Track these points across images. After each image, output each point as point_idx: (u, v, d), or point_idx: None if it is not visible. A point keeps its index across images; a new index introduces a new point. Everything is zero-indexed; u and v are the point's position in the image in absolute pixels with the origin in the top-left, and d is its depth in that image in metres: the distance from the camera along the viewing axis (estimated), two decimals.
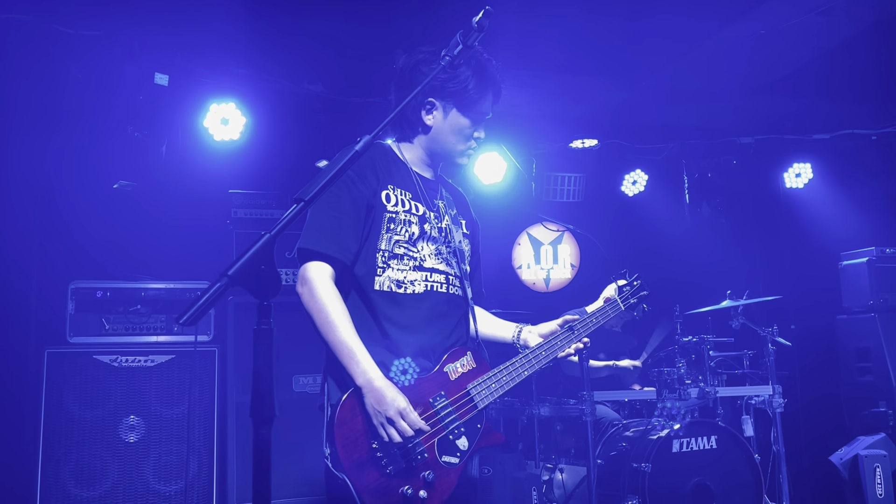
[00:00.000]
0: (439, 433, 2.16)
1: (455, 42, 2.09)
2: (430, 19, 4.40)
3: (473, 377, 2.28)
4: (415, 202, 2.40)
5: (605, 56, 5.10)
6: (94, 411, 4.17)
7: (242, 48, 4.80)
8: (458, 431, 2.19)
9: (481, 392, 2.26)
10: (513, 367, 2.34)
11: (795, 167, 6.70)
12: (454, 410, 2.21)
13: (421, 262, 2.34)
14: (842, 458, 5.10)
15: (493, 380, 2.30)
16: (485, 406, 2.26)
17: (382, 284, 2.29)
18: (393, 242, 2.31)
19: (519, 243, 7.04)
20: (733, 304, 5.19)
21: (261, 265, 1.57)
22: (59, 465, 4.07)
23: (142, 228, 4.86)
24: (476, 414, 2.23)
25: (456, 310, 2.39)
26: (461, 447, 2.17)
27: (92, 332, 4.32)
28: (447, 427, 2.18)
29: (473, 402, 2.24)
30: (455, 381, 2.24)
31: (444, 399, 2.21)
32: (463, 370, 2.27)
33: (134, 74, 4.67)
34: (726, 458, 4.63)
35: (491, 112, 2.46)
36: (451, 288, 2.39)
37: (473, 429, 2.22)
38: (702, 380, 4.88)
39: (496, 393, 2.28)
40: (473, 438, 2.20)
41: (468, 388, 2.25)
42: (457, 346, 2.34)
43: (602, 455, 4.80)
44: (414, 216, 2.37)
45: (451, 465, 2.15)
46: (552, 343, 2.43)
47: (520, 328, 2.54)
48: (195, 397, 4.28)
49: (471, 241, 2.58)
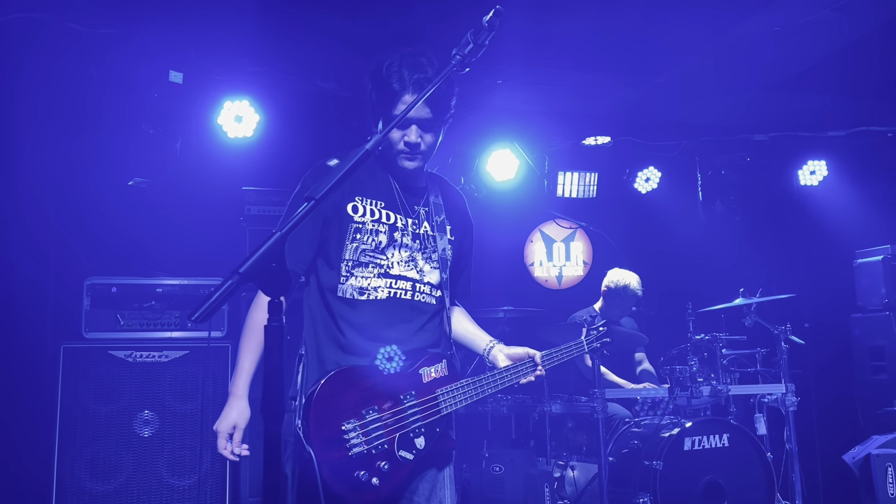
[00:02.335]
0: (402, 429, 2.27)
1: (466, 41, 2.09)
2: (442, 16, 4.41)
3: (444, 384, 2.38)
4: (387, 210, 2.46)
5: (619, 53, 5.09)
6: (109, 406, 4.21)
7: (256, 46, 4.82)
8: (418, 431, 2.30)
9: (448, 399, 2.37)
10: (480, 383, 2.46)
11: (810, 164, 6.66)
12: (420, 411, 2.31)
13: (387, 270, 2.42)
14: (854, 457, 5.07)
15: (460, 390, 2.41)
16: (448, 412, 2.37)
17: (345, 292, 2.39)
18: (359, 252, 2.40)
19: (531, 240, 7.04)
20: (746, 302, 5.17)
21: (272, 263, 1.59)
22: (74, 458, 4.12)
23: (156, 225, 4.90)
24: (438, 418, 2.34)
25: (420, 316, 2.46)
26: (418, 446, 2.29)
27: (107, 327, 4.36)
28: (410, 425, 2.29)
29: (439, 406, 2.35)
30: (426, 385, 2.36)
31: (414, 399, 2.32)
32: (435, 375, 2.38)
33: (149, 72, 4.71)
34: (739, 457, 4.62)
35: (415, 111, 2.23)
36: (417, 295, 2.45)
37: (433, 432, 2.32)
38: (714, 378, 4.86)
39: (461, 403, 2.40)
40: (430, 440, 2.31)
41: (437, 393, 2.35)
42: (430, 352, 2.43)
43: (613, 452, 4.80)
44: (383, 225, 2.44)
45: (405, 460, 2.26)
46: (517, 369, 2.53)
47: (492, 345, 2.60)
48: (209, 393, 4.31)
49: (456, 246, 2.61)
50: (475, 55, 2.10)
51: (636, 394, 5.28)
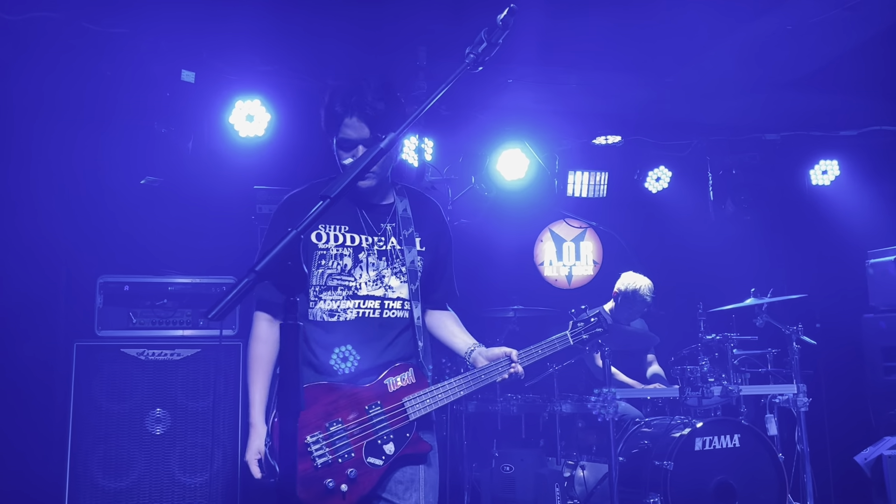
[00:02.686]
0: (369, 437, 2.41)
1: (479, 39, 2.09)
2: (453, 16, 4.42)
3: (411, 391, 2.50)
4: (351, 233, 2.60)
5: (630, 52, 5.08)
6: (121, 404, 4.23)
7: (267, 45, 4.84)
8: (386, 437, 2.43)
9: (415, 405, 2.48)
10: (450, 387, 2.55)
11: (822, 164, 6.63)
12: (387, 419, 2.44)
13: (356, 291, 2.55)
14: (866, 458, 5.05)
15: (428, 395, 2.51)
16: (416, 418, 2.47)
17: (315, 315, 2.55)
18: (325, 276, 2.55)
19: (541, 240, 7.04)
20: (757, 302, 5.16)
21: (287, 261, 1.60)
22: (87, 456, 4.13)
23: (168, 224, 4.91)
24: (406, 424, 2.46)
25: (389, 332, 2.57)
26: (387, 451, 2.42)
27: (119, 325, 4.37)
28: (377, 433, 2.42)
29: (406, 413, 2.47)
30: (392, 393, 2.48)
31: (379, 408, 2.45)
32: (402, 384, 2.50)
33: (161, 71, 4.73)
34: (750, 457, 4.60)
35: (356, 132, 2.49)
36: (385, 312, 2.57)
37: (402, 437, 2.45)
38: (725, 378, 4.85)
39: (430, 407, 2.51)
40: (401, 445, 2.44)
41: (403, 401, 2.47)
42: (397, 363, 2.53)
43: (624, 452, 4.79)
44: (348, 248, 2.58)
45: (374, 466, 2.40)
46: (491, 369, 2.59)
47: (473, 348, 2.67)
48: (220, 391, 4.32)
49: (429, 256, 2.69)
50: (489, 54, 2.10)
51: (646, 394, 5.28)
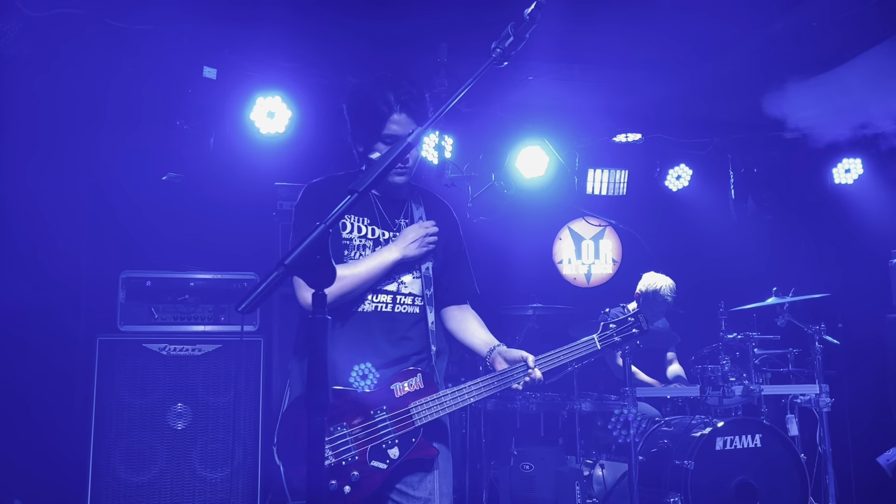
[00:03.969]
0: (373, 441, 2.41)
1: (506, 34, 2.08)
2: (474, 13, 4.40)
3: (418, 397, 2.47)
4: (371, 226, 2.60)
5: (651, 49, 5.05)
6: (143, 398, 4.26)
7: (288, 42, 4.85)
8: (391, 442, 2.42)
9: (421, 412, 2.46)
10: (459, 393, 2.51)
11: (845, 162, 6.57)
12: (392, 424, 2.43)
13: (373, 285, 2.53)
14: (888, 460, 5.00)
15: (436, 402, 2.48)
16: (422, 424, 2.45)
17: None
18: None
19: (560, 238, 7.01)
20: (779, 302, 5.11)
21: (316, 255, 1.60)
22: (109, 450, 4.17)
23: (190, 220, 4.94)
24: (413, 430, 2.44)
25: (400, 327, 2.56)
26: (391, 456, 2.41)
27: (142, 320, 4.41)
28: (381, 437, 2.42)
29: (412, 419, 2.45)
30: (399, 399, 2.47)
31: (385, 413, 2.43)
32: (409, 389, 2.48)
33: (183, 68, 4.76)
34: (771, 458, 4.56)
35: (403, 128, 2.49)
36: (397, 307, 2.57)
37: (407, 442, 2.43)
38: (746, 377, 4.81)
39: (437, 414, 2.47)
40: (406, 450, 2.42)
41: (409, 407, 2.45)
42: (407, 368, 2.52)
43: (643, 451, 4.77)
44: (369, 240, 2.58)
45: (377, 470, 2.39)
46: (507, 375, 2.53)
47: (493, 349, 2.61)
48: (241, 386, 4.34)
49: (440, 257, 2.67)
50: (515, 48, 2.09)
51: (667, 393, 5.24)
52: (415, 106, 2.51)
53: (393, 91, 2.50)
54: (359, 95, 2.56)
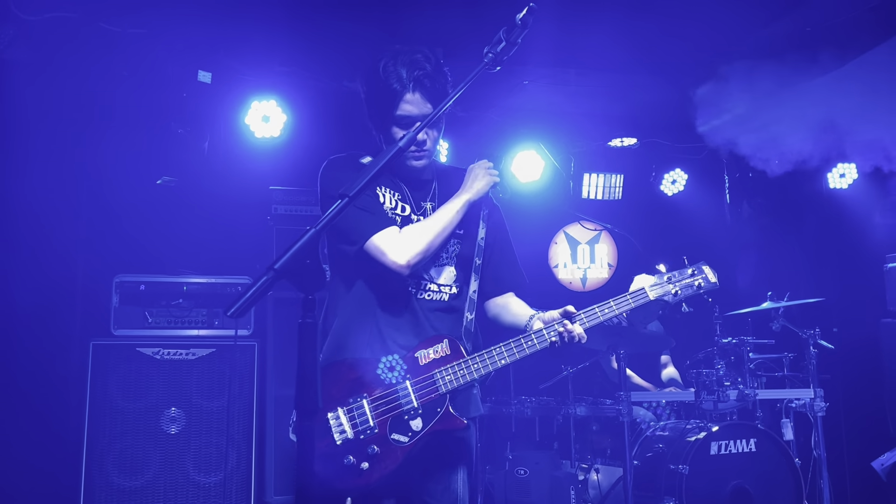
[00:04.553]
0: (393, 412, 2.24)
1: (498, 39, 2.09)
2: (469, 17, 4.41)
3: (444, 363, 2.31)
4: (402, 203, 2.46)
5: (646, 54, 5.05)
6: (136, 402, 4.25)
7: (283, 46, 4.85)
8: (413, 412, 2.25)
9: (446, 378, 2.29)
10: (489, 355, 2.33)
11: (840, 167, 6.58)
12: (415, 391, 2.27)
13: None
14: (883, 464, 5.00)
15: (462, 367, 2.31)
16: (447, 391, 2.28)
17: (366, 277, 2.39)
18: None
19: (556, 242, 7.01)
20: (774, 306, 5.11)
21: (306, 259, 1.59)
22: (102, 454, 4.16)
23: (184, 224, 4.93)
24: (437, 397, 2.27)
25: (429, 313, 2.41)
26: (414, 428, 2.24)
27: (135, 324, 4.40)
28: (401, 407, 2.25)
29: (436, 386, 2.28)
30: (423, 366, 2.30)
31: (408, 381, 2.28)
32: (435, 356, 2.31)
33: (178, 72, 4.75)
34: (766, 462, 4.56)
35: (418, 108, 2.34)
36: (425, 294, 2.42)
37: (432, 411, 2.26)
38: (741, 382, 4.81)
39: (462, 379, 2.29)
40: (429, 421, 2.25)
41: (433, 373, 2.29)
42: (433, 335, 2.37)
43: (639, 456, 4.76)
44: (398, 216, 2.43)
45: (399, 443, 2.23)
46: (540, 334, 2.36)
47: (532, 317, 2.46)
48: (235, 390, 4.34)
49: (488, 239, 2.56)
50: (507, 53, 2.09)
51: (662, 397, 5.24)
52: (430, 83, 2.33)
53: (406, 67, 2.32)
54: (372, 74, 2.38)
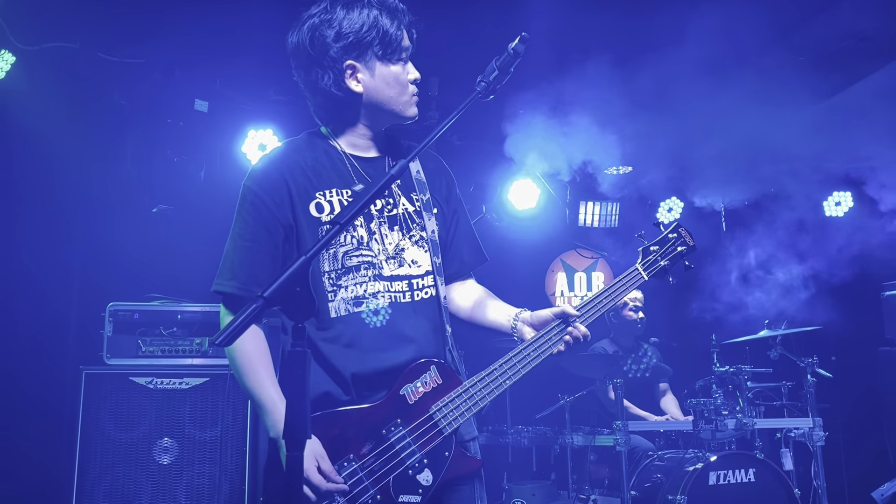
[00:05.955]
0: (395, 470, 1.89)
1: (491, 68, 2.09)
2: (463, 46, 4.44)
3: (439, 396, 1.94)
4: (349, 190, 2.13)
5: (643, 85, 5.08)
6: (128, 432, 4.19)
7: (280, 75, 4.87)
8: (419, 465, 1.90)
9: (448, 414, 1.94)
10: (490, 378, 1.98)
11: (835, 195, 6.60)
12: (414, 441, 1.91)
13: (380, 271, 2.03)
14: (883, 494, 4.95)
15: (463, 396, 1.95)
16: (453, 430, 1.93)
17: (338, 310, 2.00)
18: (341, 256, 2.03)
19: (553, 270, 7.01)
20: (772, 334, 5.09)
21: (296, 287, 1.58)
22: (93, 485, 4.09)
23: (179, 252, 4.91)
24: (442, 441, 1.92)
25: (423, 319, 2.05)
26: (423, 482, 1.88)
27: (128, 353, 4.35)
28: (404, 462, 1.90)
29: (438, 427, 1.93)
30: (415, 405, 1.93)
31: (402, 428, 1.92)
32: (425, 389, 1.94)
33: (174, 101, 4.78)
34: (765, 492, 4.51)
35: (411, 43, 2.18)
36: (416, 293, 2.06)
37: (440, 458, 1.91)
38: (739, 411, 4.77)
39: (468, 412, 1.95)
40: (440, 470, 1.90)
41: (431, 412, 1.93)
42: (408, 366, 1.97)
43: (636, 486, 4.71)
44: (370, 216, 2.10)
45: None
46: (541, 343, 2.06)
47: (517, 318, 2.13)
48: (228, 420, 4.28)
49: (441, 222, 2.21)
50: (500, 82, 2.09)
51: (660, 426, 5.20)
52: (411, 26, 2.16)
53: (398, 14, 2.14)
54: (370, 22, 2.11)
